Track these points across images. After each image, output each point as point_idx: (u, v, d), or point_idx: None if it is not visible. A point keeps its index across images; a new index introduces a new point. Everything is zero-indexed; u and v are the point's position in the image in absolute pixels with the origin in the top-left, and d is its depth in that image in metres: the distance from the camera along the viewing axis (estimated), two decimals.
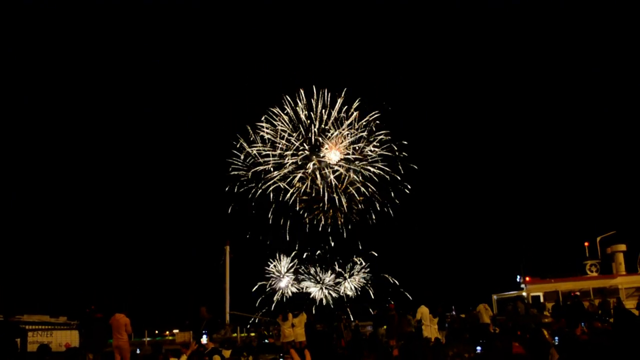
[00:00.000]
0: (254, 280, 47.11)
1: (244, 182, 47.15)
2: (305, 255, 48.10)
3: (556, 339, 11.33)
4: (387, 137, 46.58)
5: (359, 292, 47.86)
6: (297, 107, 46.18)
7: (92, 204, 53.27)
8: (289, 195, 46.49)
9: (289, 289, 47.68)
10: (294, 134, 46.18)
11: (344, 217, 47.17)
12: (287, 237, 47.27)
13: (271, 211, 46.66)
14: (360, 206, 47.06)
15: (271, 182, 46.66)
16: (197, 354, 9.49)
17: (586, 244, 32.39)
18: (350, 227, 47.49)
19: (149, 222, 52.55)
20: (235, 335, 27.49)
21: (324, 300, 47.44)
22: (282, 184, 46.56)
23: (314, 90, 45.99)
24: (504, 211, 52.22)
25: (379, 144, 46.58)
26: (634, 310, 21.49)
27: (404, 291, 44.92)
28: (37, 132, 53.19)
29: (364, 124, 46.23)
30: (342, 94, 45.87)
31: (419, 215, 49.45)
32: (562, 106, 57.29)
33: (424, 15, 61.22)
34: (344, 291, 47.99)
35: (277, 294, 46.93)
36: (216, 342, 15.77)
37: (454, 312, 27.45)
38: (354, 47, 59.45)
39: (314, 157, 46.19)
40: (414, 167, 47.07)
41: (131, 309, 16.03)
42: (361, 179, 46.59)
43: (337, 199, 46.56)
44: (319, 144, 46.06)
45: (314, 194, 46.56)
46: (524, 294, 30.50)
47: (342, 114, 45.94)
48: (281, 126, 46.38)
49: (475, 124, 56.81)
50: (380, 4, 63.50)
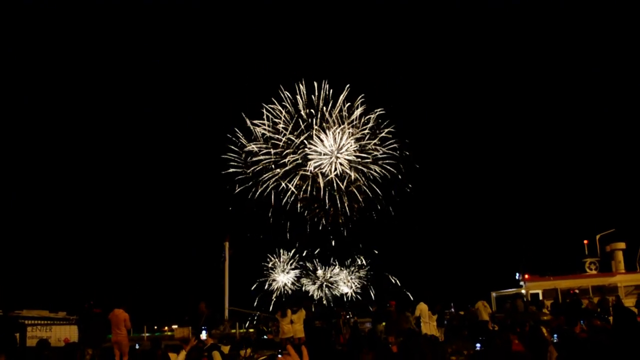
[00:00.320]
0: (253, 276, 47.11)
1: (244, 180, 46.91)
2: (305, 252, 48.03)
3: (555, 336, 11.33)
4: (390, 136, 46.22)
5: (359, 290, 47.83)
6: (298, 105, 45.83)
7: (92, 200, 53.32)
8: (289, 194, 46.30)
9: (287, 286, 47.66)
10: (295, 132, 45.87)
11: (344, 217, 47.01)
12: (288, 235, 47.18)
13: (271, 211, 46.44)
14: (361, 204, 46.91)
15: (270, 181, 46.41)
16: (196, 350, 9.48)
17: (585, 242, 32.36)
18: (350, 226, 47.36)
19: (149, 217, 52.59)
20: (234, 331, 27.49)
21: (323, 298, 47.39)
22: (283, 182, 46.38)
23: (315, 86, 45.67)
24: (504, 209, 52.29)
25: (379, 142, 46.27)
26: (633, 308, 21.52)
27: (405, 291, 44.87)
28: (37, 131, 53.25)
29: (365, 121, 45.93)
30: (345, 90, 45.47)
31: (419, 213, 49.45)
32: (562, 105, 57.32)
33: (425, 15, 61.17)
34: (341, 290, 47.93)
35: (275, 292, 46.83)
36: (215, 337, 15.77)
37: (453, 310, 27.47)
38: (354, 46, 59.45)
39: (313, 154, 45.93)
40: (416, 166, 46.89)
41: (130, 305, 16.06)
42: (362, 177, 46.40)
43: (337, 196, 46.39)
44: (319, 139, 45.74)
45: (314, 192, 46.37)
46: (523, 291, 30.51)
47: (344, 111, 45.56)
48: (282, 125, 46.00)
49: (475, 123, 56.83)
50: (380, 3, 63.54)
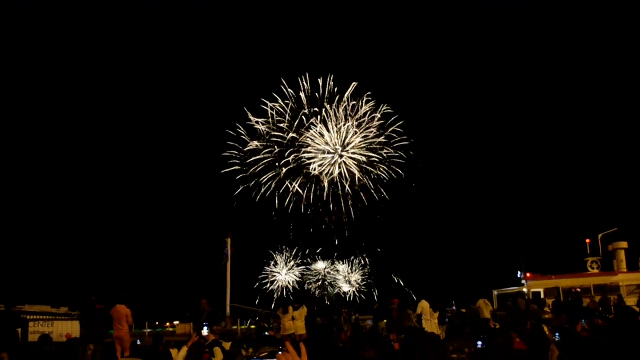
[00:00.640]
0: (255, 273, 47.14)
1: (246, 179, 46.74)
2: (307, 251, 48.02)
3: (557, 335, 11.32)
4: (396, 136, 45.97)
5: (363, 289, 47.78)
6: (302, 102, 45.54)
7: (95, 196, 53.40)
8: (292, 193, 46.15)
9: (289, 284, 47.64)
10: (300, 129, 45.57)
11: (347, 217, 46.88)
12: (291, 235, 47.12)
13: (274, 210, 46.28)
14: (365, 204, 46.79)
15: (272, 181, 46.18)
16: (197, 346, 9.50)
17: (588, 241, 32.35)
18: (354, 225, 47.26)
19: (151, 214, 52.66)
20: (235, 327, 27.56)
21: (325, 298, 47.37)
22: (288, 182, 46.20)
23: (319, 83, 45.40)
24: (506, 208, 52.22)
25: (386, 140, 45.97)
26: (635, 307, 21.47)
27: (409, 290, 44.81)
28: (37, 129, 53.32)
29: (369, 119, 45.68)
30: (351, 87, 45.18)
31: (421, 211, 49.41)
32: (564, 104, 57.20)
33: (426, 15, 61.05)
34: (343, 289, 47.91)
35: (276, 290, 46.73)
36: (217, 334, 15.79)
37: (455, 307, 27.45)
38: (359, 45, 59.37)
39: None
40: (419, 165, 46.75)
41: (132, 301, 16.05)
42: (366, 177, 46.18)
43: (341, 196, 46.21)
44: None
45: (317, 192, 46.21)
46: (525, 290, 30.49)
47: (348, 110, 45.26)
48: (286, 124, 45.70)
49: (477, 122, 56.78)
50: (381, 3, 63.42)
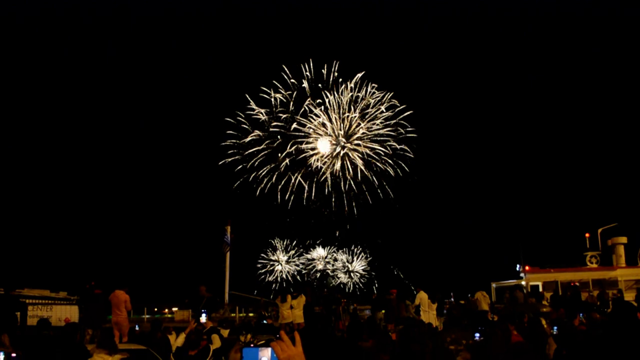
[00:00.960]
0: (255, 261, 47.24)
1: (246, 170, 46.48)
2: (307, 242, 48.08)
3: (554, 328, 11.31)
4: (402, 131, 45.65)
5: (363, 280, 47.88)
6: (304, 88, 45.09)
7: (94, 181, 53.39)
8: (292, 184, 45.99)
9: (289, 272, 47.72)
10: (302, 120, 45.22)
11: (348, 209, 46.81)
12: (291, 224, 47.08)
13: (275, 201, 46.09)
14: (367, 198, 46.71)
15: (274, 172, 45.92)
16: (195, 333, 9.51)
17: (587, 235, 32.38)
18: (354, 218, 47.19)
19: (151, 200, 52.70)
20: (234, 315, 27.62)
21: (325, 289, 47.43)
22: (292, 176, 46.02)
23: (323, 74, 44.99)
24: (506, 201, 52.25)
25: (392, 130, 45.60)
26: (633, 302, 21.49)
27: (408, 283, 44.90)
28: (37, 117, 53.23)
29: (374, 110, 45.34)
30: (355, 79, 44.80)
31: (421, 204, 49.46)
32: (565, 99, 57.02)
33: (427, 14, 60.70)
34: (341, 280, 48.02)
35: (276, 278, 46.66)
36: (215, 321, 15.81)
37: (453, 299, 27.52)
38: (362, 36, 59.01)
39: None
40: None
41: (131, 286, 16.08)
42: (369, 171, 45.98)
43: (343, 188, 46.03)
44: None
45: (320, 181, 46.05)
46: (523, 283, 30.56)
47: (352, 98, 44.82)
48: (288, 114, 45.35)
49: (477, 115, 56.67)
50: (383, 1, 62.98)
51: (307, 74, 44.80)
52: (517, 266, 32.09)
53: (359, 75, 44.44)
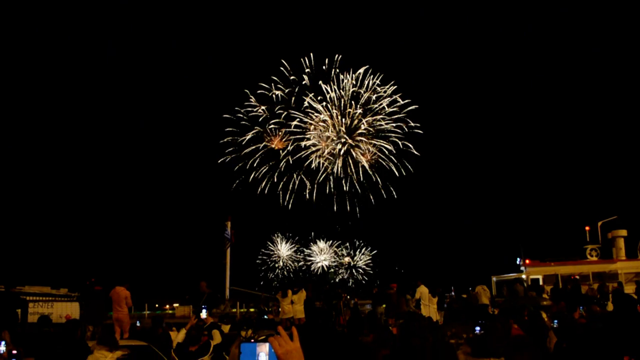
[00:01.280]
0: (255, 256, 47.29)
1: (245, 169, 46.24)
2: (309, 237, 48.10)
3: (555, 322, 11.30)
4: (406, 127, 45.42)
5: (365, 276, 47.90)
6: (304, 82, 44.82)
7: (95, 179, 53.37)
8: (294, 180, 45.85)
9: (289, 266, 47.77)
10: (305, 118, 44.85)
11: (350, 205, 46.73)
12: (293, 220, 47.06)
13: (276, 198, 45.97)
14: (369, 195, 46.64)
15: (272, 172, 45.69)
16: (196, 328, 9.50)
17: (587, 229, 32.38)
18: (357, 210, 47.14)
19: (151, 197, 52.68)
20: (234, 310, 27.66)
21: (326, 281, 47.49)
22: (295, 174, 45.87)
23: (323, 70, 44.67)
24: (506, 194, 52.24)
25: (394, 124, 45.33)
26: (633, 295, 21.51)
27: (408, 275, 44.94)
28: (38, 115, 53.15)
29: (378, 105, 45.00)
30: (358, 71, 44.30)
31: (422, 198, 49.47)
32: (564, 93, 56.96)
33: (429, 14, 60.49)
34: (341, 276, 48.06)
35: (277, 273, 46.70)
36: (215, 316, 15.84)
37: (453, 293, 27.55)
38: (365, 30, 58.81)
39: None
40: (417, 153, 46.48)
41: (132, 283, 16.09)
42: (372, 168, 45.81)
43: (345, 185, 45.89)
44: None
45: (321, 178, 45.88)
46: (524, 276, 30.56)
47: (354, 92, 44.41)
48: (291, 111, 44.96)
49: (478, 110, 56.63)
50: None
51: (308, 70, 44.61)
52: (518, 260, 32.11)
53: (361, 70, 44.26)
